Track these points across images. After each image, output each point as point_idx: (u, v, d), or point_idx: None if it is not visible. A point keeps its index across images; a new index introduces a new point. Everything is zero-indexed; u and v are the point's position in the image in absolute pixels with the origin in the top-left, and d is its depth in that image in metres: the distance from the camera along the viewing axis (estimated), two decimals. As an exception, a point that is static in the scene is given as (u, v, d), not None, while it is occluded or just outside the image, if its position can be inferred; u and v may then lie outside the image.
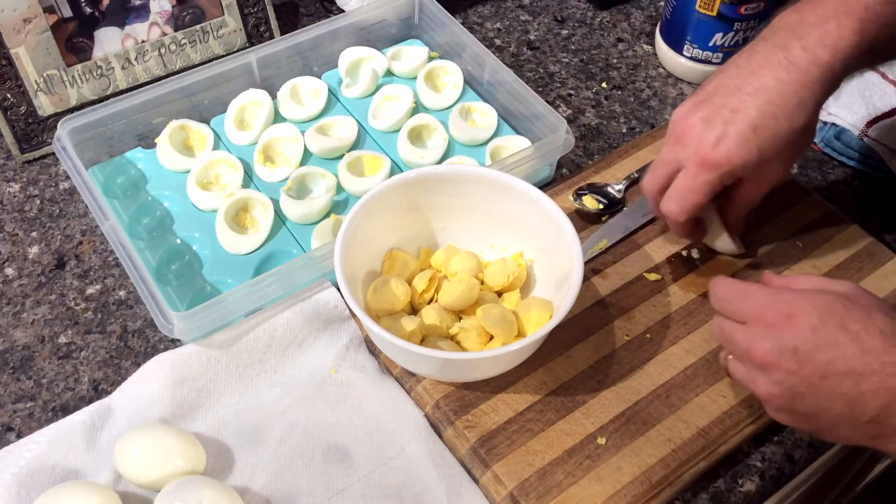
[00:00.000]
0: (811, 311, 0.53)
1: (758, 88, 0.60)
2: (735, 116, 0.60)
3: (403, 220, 0.71)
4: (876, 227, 0.80)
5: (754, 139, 0.60)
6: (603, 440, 0.63)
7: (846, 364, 0.51)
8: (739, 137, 0.60)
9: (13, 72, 0.80)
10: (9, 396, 0.67)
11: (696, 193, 0.63)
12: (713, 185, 0.62)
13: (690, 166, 0.62)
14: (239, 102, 0.84)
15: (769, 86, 0.59)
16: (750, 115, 0.60)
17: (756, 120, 0.60)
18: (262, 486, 0.61)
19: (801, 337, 0.52)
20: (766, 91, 0.59)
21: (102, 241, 0.78)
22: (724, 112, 0.60)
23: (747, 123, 0.60)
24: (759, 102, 0.59)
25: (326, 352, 0.69)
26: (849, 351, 0.51)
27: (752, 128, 0.60)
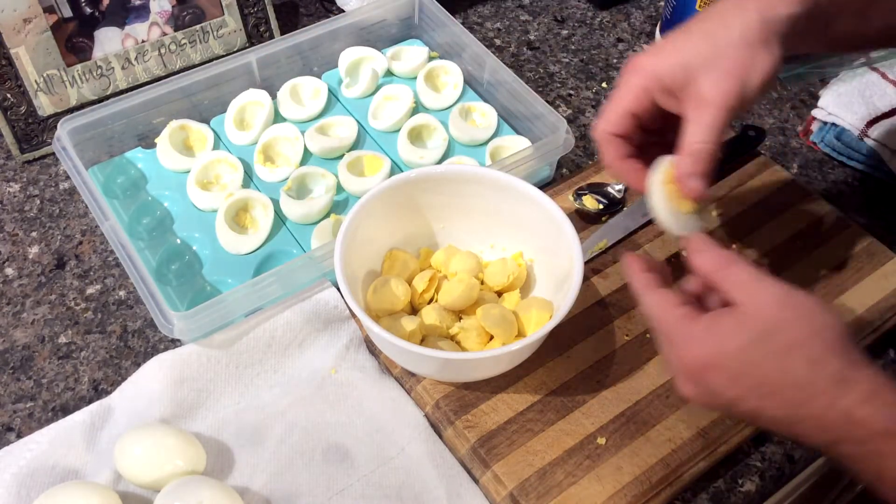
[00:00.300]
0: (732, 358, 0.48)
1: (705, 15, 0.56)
2: (680, 31, 0.56)
3: (403, 220, 0.71)
4: (876, 227, 0.80)
5: (683, 44, 0.55)
6: (603, 440, 0.63)
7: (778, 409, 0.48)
8: (671, 45, 0.55)
9: (13, 72, 0.80)
10: (9, 396, 0.67)
11: (617, 98, 0.56)
12: (638, 90, 0.56)
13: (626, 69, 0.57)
14: (239, 102, 0.84)
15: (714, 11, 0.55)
16: (688, 28, 0.56)
17: (690, 28, 0.55)
18: (262, 486, 0.61)
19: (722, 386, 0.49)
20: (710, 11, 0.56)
21: (102, 241, 0.78)
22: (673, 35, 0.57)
23: (683, 33, 0.55)
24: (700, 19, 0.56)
25: (326, 352, 0.69)
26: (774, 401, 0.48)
27: (686, 33, 0.55)
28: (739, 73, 0.52)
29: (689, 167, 0.54)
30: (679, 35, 0.55)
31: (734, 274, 0.51)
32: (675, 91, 0.54)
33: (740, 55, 0.53)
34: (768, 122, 0.91)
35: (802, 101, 0.93)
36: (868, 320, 0.70)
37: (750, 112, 0.92)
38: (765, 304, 0.49)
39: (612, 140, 0.57)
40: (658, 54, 0.55)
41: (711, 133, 0.53)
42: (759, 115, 0.92)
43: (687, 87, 0.54)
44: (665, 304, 0.52)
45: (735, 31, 0.53)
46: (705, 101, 0.53)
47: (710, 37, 0.54)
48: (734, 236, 0.76)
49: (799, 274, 0.73)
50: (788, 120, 0.91)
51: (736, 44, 0.53)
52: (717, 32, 0.54)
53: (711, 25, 0.54)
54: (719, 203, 0.79)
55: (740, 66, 0.53)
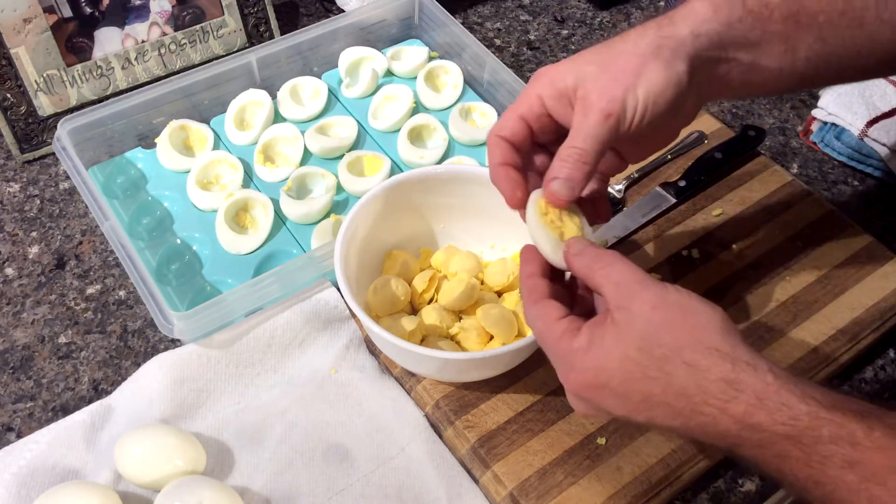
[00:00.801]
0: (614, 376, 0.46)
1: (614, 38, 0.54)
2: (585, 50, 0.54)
3: (403, 220, 0.71)
4: (876, 227, 0.80)
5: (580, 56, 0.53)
6: (603, 440, 0.63)
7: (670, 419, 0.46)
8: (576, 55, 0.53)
9: (13, 72, 0.80)
10: (9, 396, 0.67)
11: (514, 104, 0.54)
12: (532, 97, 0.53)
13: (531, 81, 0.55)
14: (239, 102, 0.84)
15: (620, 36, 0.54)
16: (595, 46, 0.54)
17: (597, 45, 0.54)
18: (262, 486, 0.61)
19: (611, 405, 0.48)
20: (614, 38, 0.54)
21: (102, 241, 0.78)
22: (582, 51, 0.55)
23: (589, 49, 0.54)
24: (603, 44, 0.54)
25: (326, 352, 0.69)
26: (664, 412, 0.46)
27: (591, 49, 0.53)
28: (625, 80, 0.50)
29: (556, 170, 0.51)
30: (585, 50, 0.54)
31: (612, 275, 0.49)
32: (566, 98, 0.52)
33: (629, 63, 0.51)
34: (768, 122, 0.91)
35: (802, 101, 0.93)
36: (868, 320, 0.70)
37: (750, 112, 0.92)
38: (639, 309, 0.47)
39: (499, 143, 0.54)
40: (559, 64, 0.53)
41: (587, 139, 0.51)
42: (759, 115, 0.92)
43: (576, 93, 0.52)
44: (545, 318, 0.50)
45: (629, 44, 0.52)
46: (588, 106, 0.51)
47: (606, 48, 0.52)
48: (734, 236, 0.76)
49: (799, 274, 0.73)
50: (788, 120, 0.91)
51: (628, 53, 0.51)
52: (615, 45, 0.52)
53: (613, 40, 0.53)
54: (719, 203, 0.79)
55: (628, 73, 0.50)
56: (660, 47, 0.51)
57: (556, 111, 0.53)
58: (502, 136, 0.54)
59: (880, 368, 0.71)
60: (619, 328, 0.47)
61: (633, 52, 0.51)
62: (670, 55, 0.51)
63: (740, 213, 0.78)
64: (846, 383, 0.70)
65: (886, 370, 0.71)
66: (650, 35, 0.51)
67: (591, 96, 0.51)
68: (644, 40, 0.51)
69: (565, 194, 0.51)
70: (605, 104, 0.50)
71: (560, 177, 0.51)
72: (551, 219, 0.53)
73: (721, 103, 0.92)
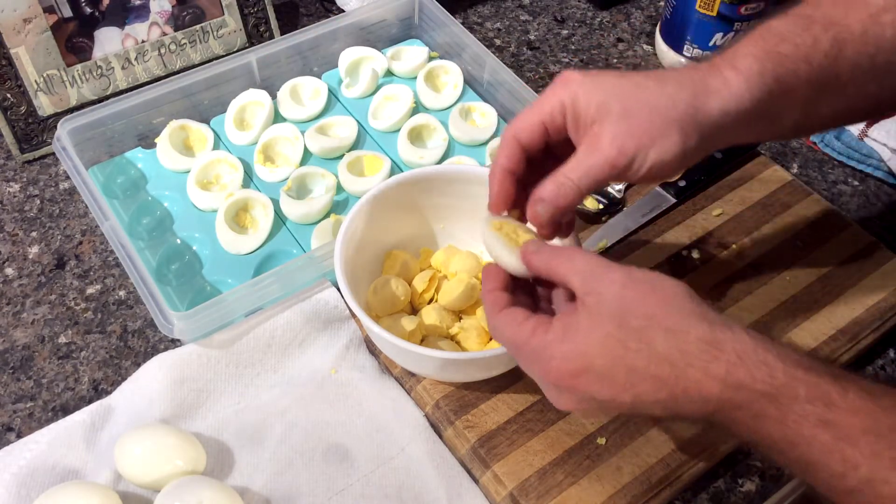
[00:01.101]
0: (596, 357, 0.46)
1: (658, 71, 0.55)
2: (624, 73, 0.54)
3: (403, 220, 0.71)
4: (876, 227, 0.80)
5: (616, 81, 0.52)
6: (603, 440, 0.63)
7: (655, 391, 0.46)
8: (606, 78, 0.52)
9: (13, 72, 0.80)
10: (9, 396, 0.67)
11: (534, 107, 0.53)
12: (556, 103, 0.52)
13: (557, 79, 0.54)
14: (239, 102, 0.84)
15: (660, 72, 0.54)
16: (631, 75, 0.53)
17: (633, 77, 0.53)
18: (262, 486, 0.61)
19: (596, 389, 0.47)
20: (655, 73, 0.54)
21: (102, 241, 0.78)
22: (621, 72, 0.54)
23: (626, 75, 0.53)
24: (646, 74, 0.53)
25: (326, 352, 0.69)
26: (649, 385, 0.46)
27: (627, 77, 0.53)
28: (642, 138, 0.50)
29: (545, 193, 0.52)
30: (622, 75, 0.53)
31: (576, 264, 0.48)
32: (582, 122, 0.52)
33: (653, 123, 0.50)
34: (768, 122, 0.91)
35: (802, 101, 0.93)
36: (868, 320, 0.70)
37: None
38: (609, 290, 0.47)
39: (513, 146, 0.54)
40: (590, 80, 0.52)
41: (585, 178, 0.51)
42: (759, 115, 0.92)
43: (593, 125, 0.51)
44: (512, 322, 0.49)
45: (661, 100, 0.51)
46: (598, 147, 0.51)
47: (639, 90, 0.51)
48: (734, 236, 0.76)
49: (799, 274, 0.73)
50: (788, 120, 0.91)
51: (652, 111, 0.50)
52: (647, 90, 0.51)
53: (649, 82, 0.52)
54: (719, 203, 0.79)
55: (646, 133, 0.50)
56: (685, 117, 0.51)
57: (570, 127, 0.53)
58: (520, 138, 0.53)
59: (880, 368, 0.71)
60: (592, 311, 0.47)
61: (660, 113, 0.50)
62: (692, 129, 0.51)
63: (740, 213, 0.78)
64: (846, 383, 0.70)
65: (886, 370, 0.71)
66: (683, 99, 0.51)
67: (604, 139, 0.50)
68: (674, 104, 0.50)
69: (547, 220, 0.52)
70: (614, 154, 0.50)
71: (546, 200, 0.52)
72: (506, 232, 0.54)
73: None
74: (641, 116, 0.50)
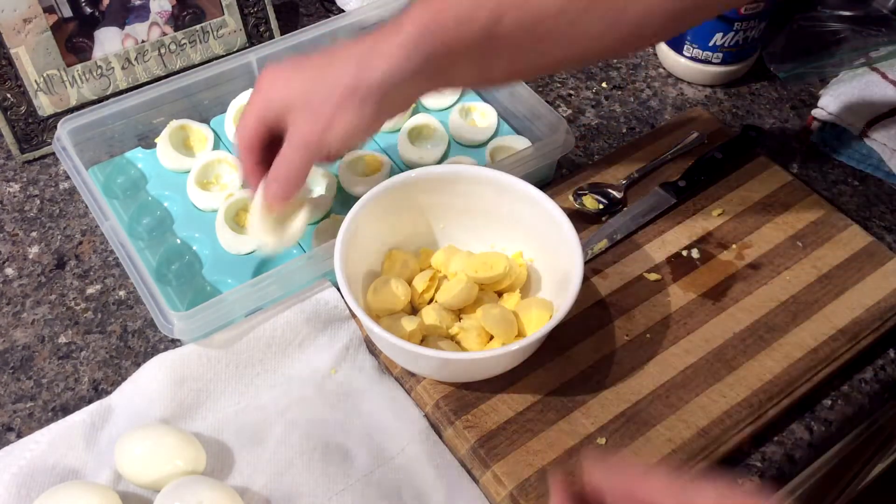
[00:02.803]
0: None
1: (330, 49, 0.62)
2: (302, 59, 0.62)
3: (403, 220, 0.71)
4: (876, 227, 0.80)
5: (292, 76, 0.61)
6: (603, 440, 0.63)
7: None
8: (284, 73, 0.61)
9: (13, 72, 0.80)
10: (9, 396, 0.67)
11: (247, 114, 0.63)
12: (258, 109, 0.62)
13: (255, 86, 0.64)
14: (239, 102, 0.84)
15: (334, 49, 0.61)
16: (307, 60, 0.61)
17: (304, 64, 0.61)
18: (262, 486, 0.61)
19: None
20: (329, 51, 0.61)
21: (102, 241, 0.78)
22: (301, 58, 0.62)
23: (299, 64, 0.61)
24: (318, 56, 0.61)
25: (326, 352, 0.69)
26: None
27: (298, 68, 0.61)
28: (323, 120, 0.59)
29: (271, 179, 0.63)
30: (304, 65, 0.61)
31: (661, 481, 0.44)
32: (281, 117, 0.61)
33: (327, 104, 0.59)
34: (768, 122, 0.91)
35: (802, 101, 0.93)
36: (868, 320, 0.70)
37: (750, 112, 0.92)
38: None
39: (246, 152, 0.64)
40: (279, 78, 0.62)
41: (293, 162, 0.61)
42: (759, 115, 0.92)
43: (286, 119, 0.61)
44: None
45: (329, 87, 0.59)
46: (293, 134, 0.61)
47: (310, 82, 0.60)
48: (734, 236, 0.76)
49: (799, 274, 0.73)
50: (788, 120, 0.91)
51: (325, 98, 0.59)
52: (319, 77, 0.60)
53: (316, 73, 0.60)
54: (719, 203, 0.79)
55: (325, 114, 0.59)
56: (354, 91, 0.59)
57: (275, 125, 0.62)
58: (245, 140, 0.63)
59: (880, 368, 0.71)
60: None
61: (331, 94, 0.59)
62: (359, 102, 0.59)
63: (740, 213, 0.78)
64: (846, 383, 0.70)
65: (886, 370, 0.71)
66: (350, 74, 0.59)
67: (296, 132, 0.61)
68: (344, 79, 0.59)
69: (280, 200, 0.64)
70: (306, 140, 0.60)
71: (274, 186, 0.63)
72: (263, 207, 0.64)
73: (721, 103, 0.92)
74: (317, 102, 0.60)
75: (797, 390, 0.67)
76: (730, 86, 0.94)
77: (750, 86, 0.95)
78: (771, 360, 0.67)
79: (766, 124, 0.91)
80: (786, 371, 0.67)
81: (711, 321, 0.70)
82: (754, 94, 0.94)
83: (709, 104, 0.92)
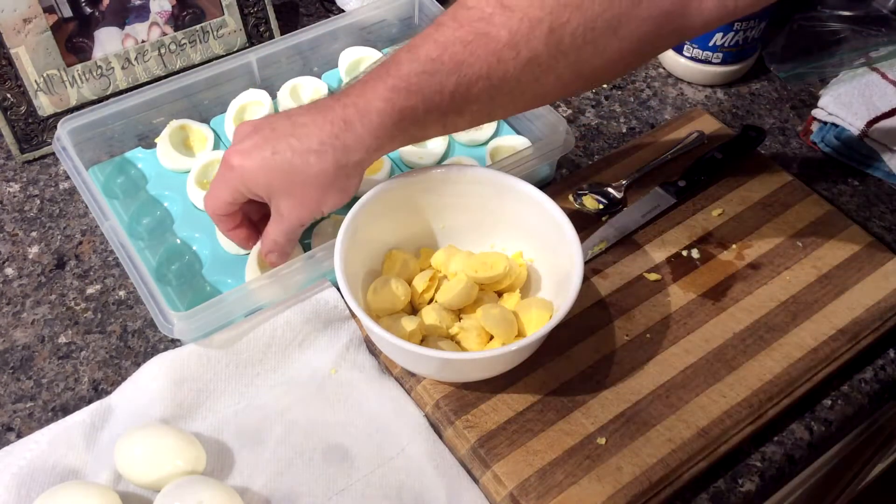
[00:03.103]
0: None
1: (298, 122, 0.61)
2: (270, 135, 0.61)
3: (403, 220, 0.71)
4: (876, 227, 0.80)
5: (270, 162, 0.60)
6: (603, 440, 0.63)
7: None
8: (260, 155, 0.61)
9: (13, 72, 0.80)
10: (9, 396, 0.67)
11: (219, 191, 0.64)
12: (233, 189, 0.63)
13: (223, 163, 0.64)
14: (239, 102, 0.84)
15: (303, 123, 0.61)
16: (278, 139, 0.60)
17: (277, 145, 0.60)
18: (262, 486, 0.61)
19: None
20: (299, 126, 0.61)
21: (102, 241, 0.78)
22: (266, 130, 0.61)
23: (271, 145, 0.60)
24: (290, 133, 0.60)
25: (326, 352, 0.69)
26: None
27: (272, 151, 0.60)
28: (311, 205, 0.62)
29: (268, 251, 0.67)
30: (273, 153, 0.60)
31: None
32: (260, 198, 0.63)
33: (313, 194, 0.61)
34: (768, 122, 0.91)
35: (802, 101, 0.93)
36: (868, 320, 0.70)
37: (750, 112, 0.92)
38: None
39: (221, 219, 0.67)
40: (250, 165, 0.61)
41: (283, 237, 0.65)
42: (759, 115, 0.92)
43: (270, 198, 0.63)
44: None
45: (311, 173, 0.60)
46: (282, 217, 0.63)
47: (291, 171, 0.60)
48: (734, 236, 0.76)
49: (799, 274, 0.73)
50: (788, 120, 0.91)
51: (307, 183, 0.61)
52: (297, 170, 0.60)
53: (296, 159, 0.60)
54: (719, 203, 0.79)
55: (312, 202, 0.62)
56: (336, 181, 0.61)
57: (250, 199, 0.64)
58: (219, 213, 0.66)
59: (880, 368, 0.71)
60: None
61: (315, 186, 0.61)
62: (343, 183, 0.62)
63: (740, 213, 0.78)
64: (846, 383, 0.70)
65: (886, 370, 0.71)
66: (330, 164, 0.60)
67: (283, 211, 0.63)
68: (322, 165, 0.60)
69: (279, 264, 0.68)
70: (297, 219, 0.63)
71: (274, 254, 0.67)
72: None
73: (721, 103, 0.92)
74: (302, 192, 0.62)
75: (797, 390, 0.67)
76: (730, 86, 0.94)
77: (750, 86, 0.95)
78: (771, 360, 0.67)
79: (766, 124, 0.91)
80: (786, 371, 0.67)
81: (711, 321, 0.70)
82: (754, 94, 0.94)
83: (709, 104, 0.92)
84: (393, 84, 0.58)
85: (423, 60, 0.58)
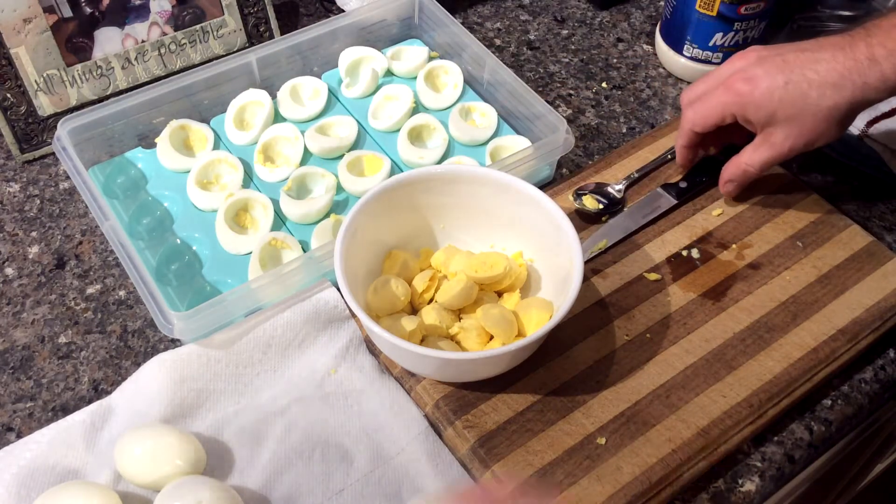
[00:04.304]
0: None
1: (812, 57, 0.63)
2: (783, 65, 0.63)
3: (403, 220, 0.71)
4: (876, 227, 0.80)
5: (782, 91, 0.63)
6: (603, 440, 0.63)
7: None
8: (771, 83, 0.63)
9: (13, 72, 0.80)
10: (9, 396, 0.67)
11: (711, 109, 0.67)
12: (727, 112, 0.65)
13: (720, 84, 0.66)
14: (239, 102, 0.84)
15: (821, 58, 0.63)
16: (791, 70, 0.63)
17: (791, 76, 0.63)
18: (262, 486, 0.61)
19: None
20: (816, 61, 0.63)
21: (102, 241, 0.78)
22: (777, 60, 0.64)
23: (785, 75, 0.63)
24: (805, 65, 0.63)
25: (326, 352, 0.69)
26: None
27: (785, 80, 0.63)
28: (810, 137, 0.64)
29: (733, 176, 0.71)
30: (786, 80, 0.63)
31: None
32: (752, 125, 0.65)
33: (817, 127, 0.63)
34: (768, 122, 0.91)
35: (802, 101, 0.93)
36: (868, 320, 0.70)
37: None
38: None
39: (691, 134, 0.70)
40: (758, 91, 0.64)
41: (761, 166, 0.67)
42: (759, 115, 0.92)
43: (765, 126, 0.64)
44: None
45: (823, 106, 0.62)
46: (771, 143, 0.65)
47: (803, 98, 0.62)
48: (734, 236, 0.76)
49: (799, 274, 0.73)
50: (788, 120, 0.91)
51: (817, 116, 0.62)
52: (810, 98, 0.62)
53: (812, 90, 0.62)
54: (719, 203, 0.79)
55: (813, 134, 0.63)
56: (846, 116, 0.62)
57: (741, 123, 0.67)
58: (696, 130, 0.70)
59: (880, 368, 0.71)
60: None
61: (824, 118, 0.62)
62: (851, 117, 0.63)
63: (740, 213, 0.78)
64: (846, 383, 0.70)
65: (886, 370, 0.71)
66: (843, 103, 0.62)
67: (777, 137, 0.65)
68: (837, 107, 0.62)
69: (735, 194, 0.74)
70: (786, 151, 0.65)
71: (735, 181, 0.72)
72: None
73: (721, 103, 0.92)
74: (807, 122, 0.63)
75: (797, 390, 0.67)
76: (730, 86, 0.94)
77: (750, 86, 0.95)
78: (771, 360, 0.67)
79: (766, 124, 0.91)
80: (786, 371, 0.67)
81: (711, 321, 0.70)
82: (754, 94, 0.94)
83: (709, 104, 0.92)
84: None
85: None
